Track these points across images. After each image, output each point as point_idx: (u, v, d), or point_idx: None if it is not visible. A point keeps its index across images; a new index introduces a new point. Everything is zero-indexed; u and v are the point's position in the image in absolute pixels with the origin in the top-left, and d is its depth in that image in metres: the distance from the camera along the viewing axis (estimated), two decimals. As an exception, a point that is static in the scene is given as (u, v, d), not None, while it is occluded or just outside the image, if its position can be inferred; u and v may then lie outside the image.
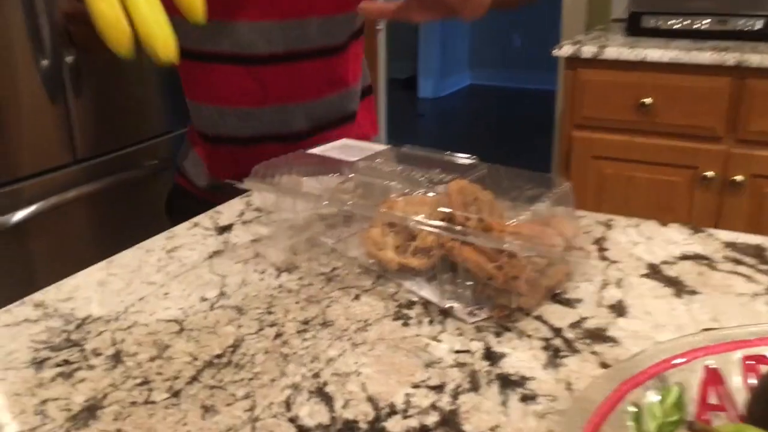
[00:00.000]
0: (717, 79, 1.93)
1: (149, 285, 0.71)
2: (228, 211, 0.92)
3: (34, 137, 1.76)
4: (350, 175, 0.75)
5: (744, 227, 2.01)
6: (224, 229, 0.85)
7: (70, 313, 0.66)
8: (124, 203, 2.02)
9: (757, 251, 0.77)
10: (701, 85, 1.95)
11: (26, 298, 0.68)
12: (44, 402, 0.53)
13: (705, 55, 1.92)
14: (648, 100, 2.00)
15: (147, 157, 2.05)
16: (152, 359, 0.58)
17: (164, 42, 0.64)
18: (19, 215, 1.71)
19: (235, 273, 0.73)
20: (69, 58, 1.80)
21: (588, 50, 2.05)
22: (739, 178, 1.95)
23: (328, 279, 0.72)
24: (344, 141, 0.89)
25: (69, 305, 0.67)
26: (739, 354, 0.47)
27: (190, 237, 0.83)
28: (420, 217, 0.65)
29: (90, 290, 0.70)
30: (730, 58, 1.89)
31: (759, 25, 2.04)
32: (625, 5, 2.51)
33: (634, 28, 2.21)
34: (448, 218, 0.63)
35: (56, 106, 1.80)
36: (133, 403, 0.53)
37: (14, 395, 0.54)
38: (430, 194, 0.69)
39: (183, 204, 1.22)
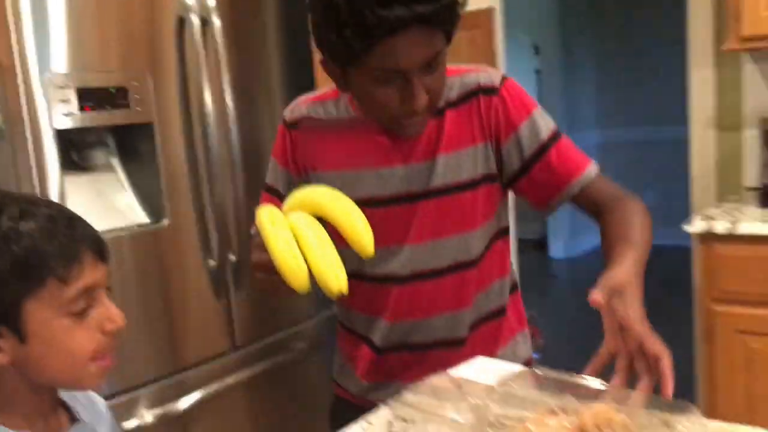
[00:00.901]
0: None
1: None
2: (377, 421, 1.00)
3: (200, 329, 1.97)
4: (488, 404, 0.83)
5: None
6: (376, 442, 0.94)
7: None
8: (280, 386, 2.16)
9: None
10: None
11: None
12: None
13: None
14: (790, 274, 1.97)
15: (297, 341, 2.21)
16: None
17: (336, 278, 0.78)
18: (185, 402, 1.87)
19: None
20: (232, 257, 2.03)
21: (722, 226, 2.07)
22: None
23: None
24: (481, 360, 0.97)
25: None
26: None
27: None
28: None
29: None
30: None
31: None
32: (759, 173, 2.52)
33: (768, 199, 2.21)
34: None
35: (220, 301, 2.01)
36: None
37: None
38: (565, 423, 0.75)
39: (342, 413, 1.27)
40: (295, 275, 0.78)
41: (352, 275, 0.94)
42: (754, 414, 2.01)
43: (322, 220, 0.88)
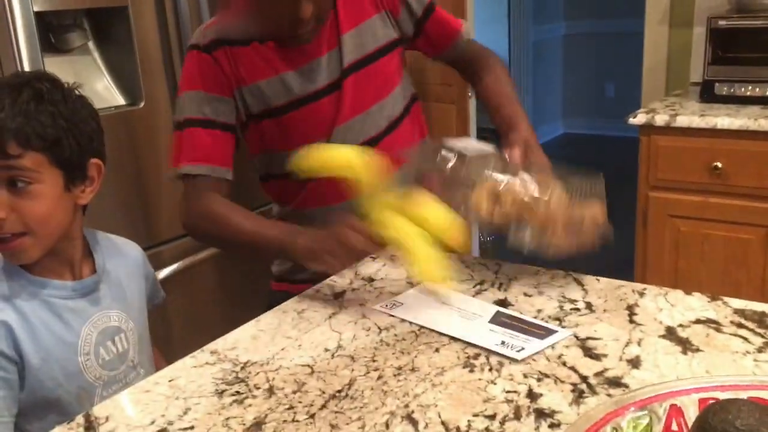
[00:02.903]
0: (784, 144, 2.06)
1: (287, 339, 0.98)
2: (341, 280, 1.18)
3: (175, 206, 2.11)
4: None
5: (818, 283, 2.11)
6: (339, 295, 1.12)
7: (235, 358, 0.93)
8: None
9: (759, 317, 0.95)
10: (769, 150, 2.09)
11: (204, 347, 0.97)
12: (227, 419, 0.80)
13: (772, 122, 2.06)
14: (719, 164, 2.15)
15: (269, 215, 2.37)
16: (294, 392, 0.84)
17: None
18: (161, 274, 2.03)
19: (349, 330, 0.99)
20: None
21: (661, 119, 2.23)
22: (810, 236, 2.06)
23: (416, 335, 0.96)
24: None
25: (234, 353, 0.95)
26: (695, 396, 0.68)
27: (314, 301, 1.10)
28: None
29: (246, 342, 0.98)
30: (796, 124, 2.02)
31: (828, 91, 2.17)
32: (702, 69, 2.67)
33: (708, 94, 2.36)
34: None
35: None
36: (284, 422, 0.79)
37: (206, 414, 0.81)
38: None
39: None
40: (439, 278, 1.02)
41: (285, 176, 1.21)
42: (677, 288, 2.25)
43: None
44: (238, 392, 0.85)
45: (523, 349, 0.90)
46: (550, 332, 0.94)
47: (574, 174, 1.09)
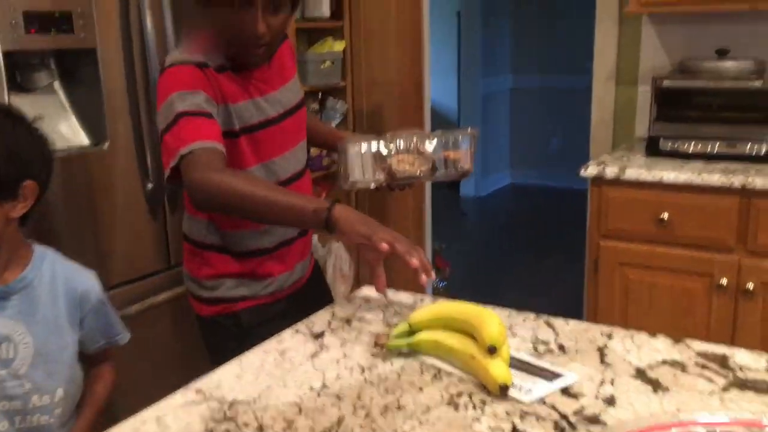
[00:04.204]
0: (726, 199, 2.18)
1: (271, 377, 0.99)
2: (319, 320, 1.20)
3: (137, 247, 2.10)
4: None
5: (759, 330, 2.21)
6: (318, 336, 1.14)
7: (221, 397, 0.94)
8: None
9: (720, 359, 1.01)
10: (712, 204, 2.20)
11: (188, 386, 0.97)
12: (219, 456, 0.81)
13: (714, 178, 2.18)
14: (665, 215, 2.26)
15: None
16: (284, 430, 0.86)
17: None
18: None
19: (332, 369, 1.01)
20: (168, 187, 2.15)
21: (611, 171, 2.34)
22: (750, 285, 2.17)
23: (398, 375, 0.99)
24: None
25: (219, 392, 0.95)
26: (674, 430, 0.73)
27: (294, 341, 1.12)
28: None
29: (231, 381, 0.99)
30: (736, 180, 2.15)
31: (763, 149, 2.31)
32: (647, 125, 2.82)
33: (654, 149, 2.49)
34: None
35: (156, 222, 2.15)
36: (277, 458, 0.80)
37: (198, 452, 0.82)
38: None
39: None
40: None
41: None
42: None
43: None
44: (227, 430, 0.86)
45: (530, 391, 0.93)
46: (556, 375, 0.98)
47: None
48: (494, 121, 6.36)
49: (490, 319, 0.98)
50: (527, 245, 5.02)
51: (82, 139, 1.99)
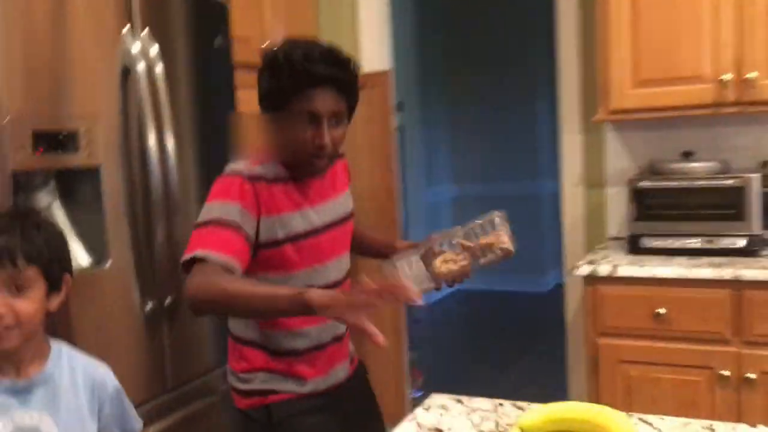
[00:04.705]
0: (719, 291, 2.26)
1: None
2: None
3: (135, 371, 1.98)
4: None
5: (765, 419, 2.25)
6: (414, 451, 1.08)
7: None
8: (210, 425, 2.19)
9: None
10: (706, 297, 2.28)
11: None
12: None
13: (705, 271, 2.27)
14: (662, 310, 2.32)
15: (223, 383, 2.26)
16: None
17: None
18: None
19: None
20: (168, 299, 2.07)
21: (604, 269, 2.40)
22: (751, 375, 2.23)
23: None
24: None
25: None
26: None
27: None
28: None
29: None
30: (726, 273, 2.24)
31: (741, 243, 2.43)
32: (619, 225, 2.93)
33: (635, 247, 2.58)
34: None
35: (154, 343, 2.04)
36: None
37: None
38: None
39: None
40: None
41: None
42: None
43: None
44: None
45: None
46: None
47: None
48: (439, 229, 6.49)
49: (621, 420, 0.96)
50: (491, 347, 5.04)
51: (82, 259, 1.90)
